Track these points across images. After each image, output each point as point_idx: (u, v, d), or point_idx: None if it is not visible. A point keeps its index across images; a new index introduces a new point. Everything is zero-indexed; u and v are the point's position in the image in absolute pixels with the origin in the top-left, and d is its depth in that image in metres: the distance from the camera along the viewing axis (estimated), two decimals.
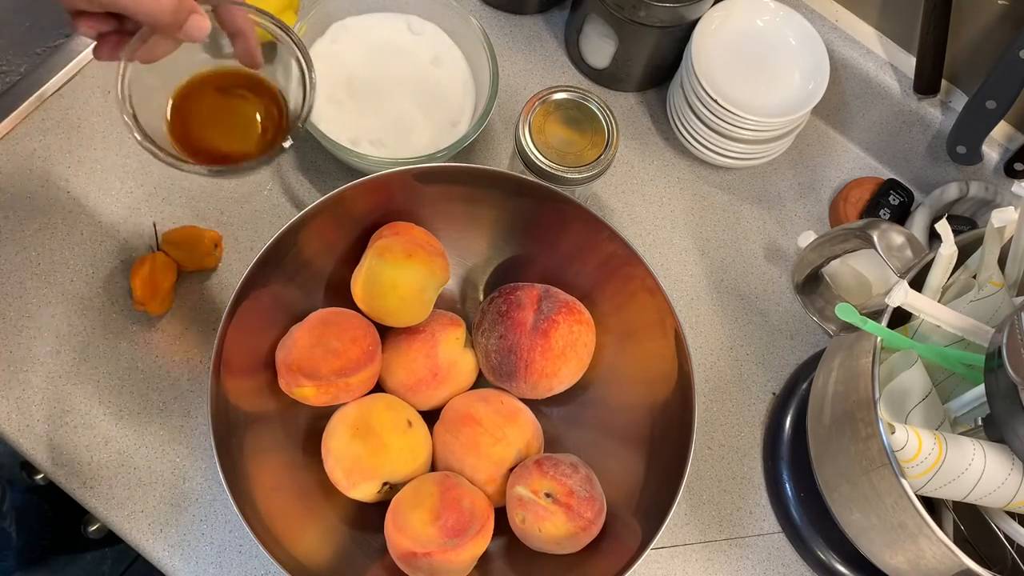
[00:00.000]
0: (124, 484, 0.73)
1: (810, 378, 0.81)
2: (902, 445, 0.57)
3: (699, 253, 0.88)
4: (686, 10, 0.82)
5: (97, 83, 0.84)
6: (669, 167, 0.91)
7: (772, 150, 0.88)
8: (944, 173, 0.91)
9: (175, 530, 0.72)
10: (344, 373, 0.67)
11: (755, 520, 0.80)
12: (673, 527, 0.78)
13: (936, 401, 0.62)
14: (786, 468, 0.80)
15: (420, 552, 0.64)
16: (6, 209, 0.79)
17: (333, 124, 0.80)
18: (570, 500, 0.67)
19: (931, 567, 0.59)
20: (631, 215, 0.88)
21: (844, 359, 0.65)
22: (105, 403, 0.75)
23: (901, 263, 0.66)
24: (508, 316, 0.71)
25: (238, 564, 0.72)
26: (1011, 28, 0.79)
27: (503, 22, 0.92)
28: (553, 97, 0.76)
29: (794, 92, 0.85)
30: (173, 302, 0.78)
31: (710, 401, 0.83)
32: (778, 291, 0.88)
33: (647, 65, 0.89)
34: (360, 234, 0.73)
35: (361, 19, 0.83)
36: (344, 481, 0.68)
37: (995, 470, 0.57)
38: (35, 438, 0.73)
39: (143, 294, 0.75)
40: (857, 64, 0.88)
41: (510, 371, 0.71)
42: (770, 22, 0.87)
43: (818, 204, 0.93)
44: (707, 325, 0.86)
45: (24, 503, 1.26)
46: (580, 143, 0.75)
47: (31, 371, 0.75)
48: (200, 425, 0.75)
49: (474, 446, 0.69)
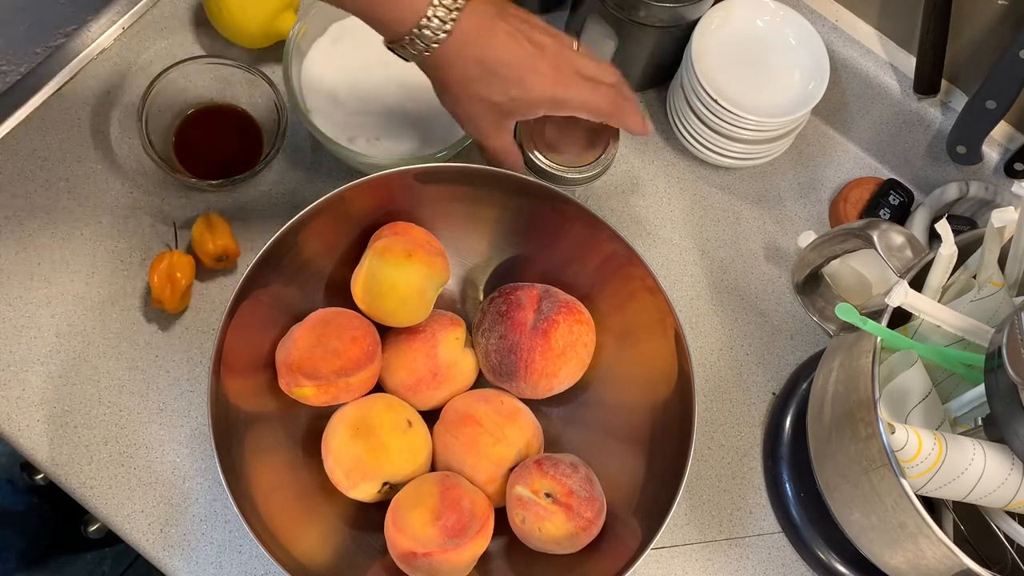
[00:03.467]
0: (124, 484, 0.73)
1: (810, 378, 0.81)
2: (902, 445, 0.57)
3: (699, 253, 0.88)
4: (686, 10, 0.82)
5: (97, 83, 0.84)
6: (669, 167, 0.91)
7: (772, 150, 0.88)
8: (944, 173, 0.91)
9: (175, 530, 0.72)
10: (344, 373, 0.67)
11: (755, 520, 0.80)
12: (673, 527, 0.78)
13: (936, 401, 0.62)
14: (786, 468, 0.80)
15: (420, 552, 0.64)
16: (6, 209, 0.79)
17: (333, 124, 0.80)
18: (570, 500, 0.67)
19: (931, 567, 0.59)
20: (631, 215, 0.88)
21: (844, 359, 0.65)
22: (105, 403, 0.75)
23: (901, 263, 0.66)
24: (508, 316, 0.71)
25: (238, 564, 0.72)
26: (1011, 28, 0.79)
27: None
28: None
29: (794, 92, 0.85)
30: (191, 301, 0.78)
31: (710, 401, 0.83)
32: (778, 291, 0.88)
33: (647, 65, 0.89)
34: (360, 234, 0.73)
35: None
36: (344, 481, 0.68)
37: (995, 470, 0.57)
38: (35, 438, 0.73)
39: (160, 291, 0.75)
40: (857, 64, 0.88)
41: (510, 371, 0.71)
42: (770, 22, 0.87)
43: (818, 204, 0.93)
44: (707, 325, 0.86)
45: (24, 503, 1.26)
46: (580, 143, 0.75)
47: (31, 371, 0.75)
48: (200, 425, 0.75)
49: (474, 446, 0.69)
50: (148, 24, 0.86)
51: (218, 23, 0.83)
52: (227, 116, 0.82)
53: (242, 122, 0.82)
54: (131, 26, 0.86)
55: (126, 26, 0.86)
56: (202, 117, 0.81)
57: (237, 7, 0.81)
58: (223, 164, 0.80)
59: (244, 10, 0.81)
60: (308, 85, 0.81)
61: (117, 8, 0.86)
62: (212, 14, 0.83)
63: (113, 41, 0.85)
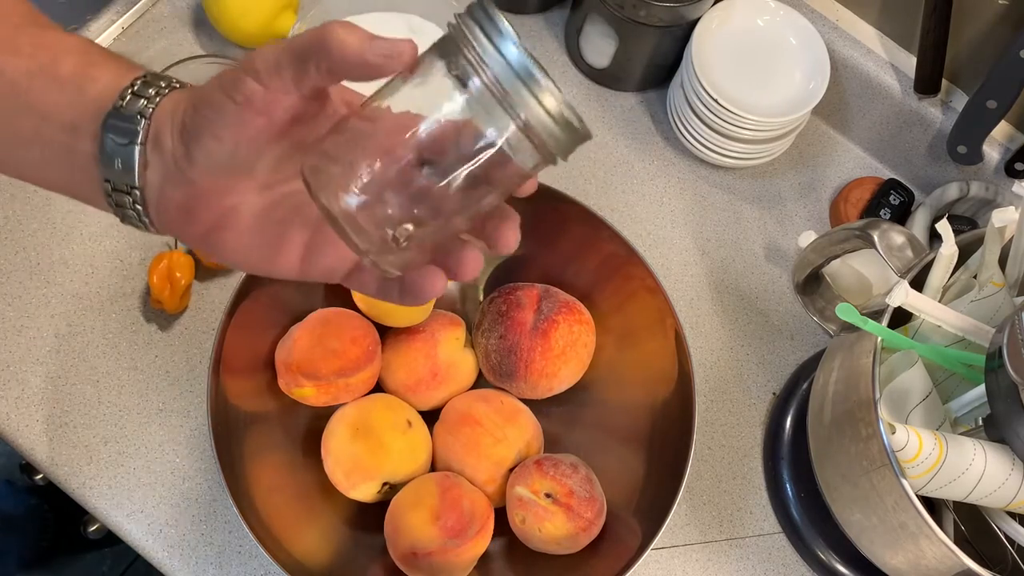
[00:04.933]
0: (124, 484, 0.73)
1: (810, 378, 0.81)
2: (903, 445, 0.57)
3: (699, 253, 0.88)
4: (686, 9, 0.82)
5: None
6: (669, 167, 0.91)
7: (772, 150, 0.88)
8: (945, 173, 0.91)
9: (175, 530, 0.72)
10: (344, 373, 0.67)
11: (755, 520, 0.80)
12: (673, 527, 0.78)
13: (937, 401, 0.62)
14: (786, 468, 0.80)
15: (420, 552, 0.64)
16: (6, 209, 0.79)
17: None
18: (570, 500, 0.66)
19: (932, 567, 0.59)
20: (631, 215, 0.88)
21: (844, 359, 0.64)
22: (105, 403, 0.75)
23: (902, 263, 0.66)
24: (508, 316, 0.71)
25: (238, 564, 0.72)
26: (1011, 28, 0.79)
27: None
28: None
29: (794, 92, 0.85)
30: (190, 301, 0.78)
31: (710, 401, 0.83)
32: (778, 291, 0.88)
33: (647, 65, 0.89)
34: None
35: (361, 18, 0.83)
36: (344, 481, 0.68)
37: (996, 470, 0.57)
38: (34, 438, 0.73)
39: (160, 291, 0.75)
40: (858, 64, 0.88)
41: (510, 371, 0.71)
42: (771, 22, 0.87)
43: (818, 204, 0.92)
44: (707, 325, 0.86)
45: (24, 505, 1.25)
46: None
47: (31, 371, 0.75)
48: (200, 425, 0.75)
49: (474, 446, 0.69)
50: (148, 24, 0.86)
51: (218, 23, 0.83)
52: None
53: None
54: (131, 25, 0.86)
55: (126, 25, 0.86)
56: None
57: (237, 7, 0.81)
58: None
59: (244, 10, 0.81)
60: None
61: (117, 8, 0.86)
62: (212, 14, 0.83)
63: (113, 41, 0.85)
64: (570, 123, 0.38)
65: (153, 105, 0.43)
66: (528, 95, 0.38)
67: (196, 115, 0.42)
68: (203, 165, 0.42)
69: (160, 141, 0.43)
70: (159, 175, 0.44)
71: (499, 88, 0.38)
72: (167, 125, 0.43)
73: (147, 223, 0.45)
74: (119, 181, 0.44)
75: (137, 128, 0.43)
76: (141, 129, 0.43)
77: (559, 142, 0.39)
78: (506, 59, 0.38)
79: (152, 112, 0.43)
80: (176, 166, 0.43)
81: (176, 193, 0.44)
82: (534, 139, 0.38)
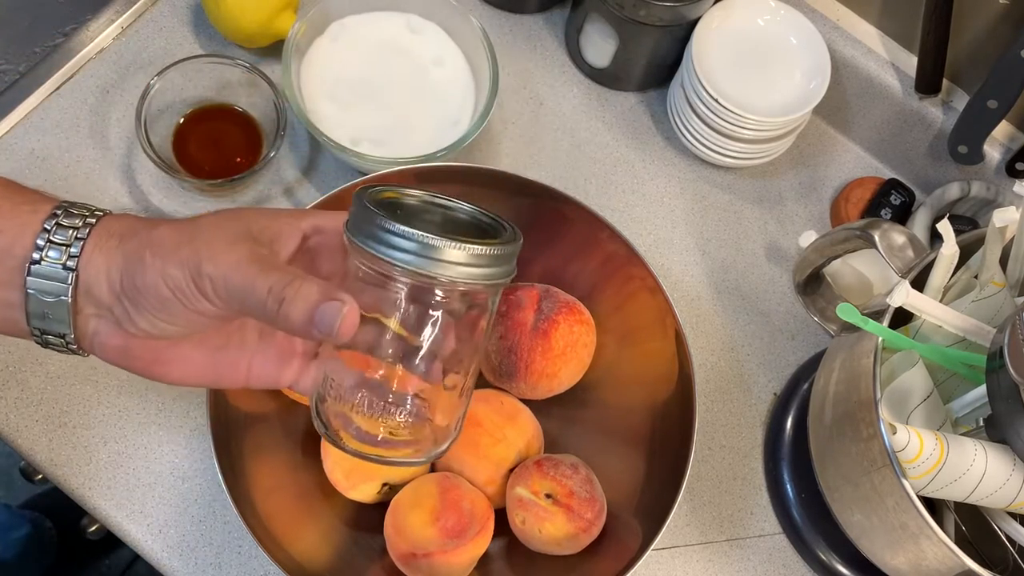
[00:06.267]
0: (124, 484, 0.73)
1: (811, 379, 0.81)
2: (903, 446, 0.57)
3: (700, 253, 0.88)
4: (687, 9, 0.82)
5: (96, 82, 0.84)
6: (670, 167, 0.91)
7: (773, 150, 0.88)
8: (945, 173, 0.90)
9: (174, 530, 0.72)
10: None
11: (756, 521, 0.80)
12: (674, 528, 0.78)
13: (937, 402, 0.62)
14: (787, 469, 0.80)
15: (420, 553, 0.64)
16: None
17: (332, 123, 0.80)
18: (570, 501, 0.66)
19: (932, 568, 0.59)
20: (631, 215, 0.88)
21: (845, 359, 0.64)
22: (104, 403, 0.75)
23: (902, 263, 0.66)
24: (508, 316, 0.71)
25: (237, 564, 0.72)
26: (1012, 28, 0.78)
27: (503, 21, 0.92)
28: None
29: (795, 91, 0.85)
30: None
31: (711, 401, 0.83)
32: (779, 291, 0.88)
33: (648, 64, 0.89)
34: None
35: (360, 18, 0.83)
36: (344, 482, 0.68)
37: (997, 471, 0.57)
38: (34, 438, 0.73)
39: None
40: (858, 63, 0.88)
41: (510, 371, 0.71)
42: (771, 21, 0.87)
43: (819, 204, 0.92)
44: (708, 325, 0.86)
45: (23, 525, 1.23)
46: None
47: (30, 371, 0.75)
48: (199, 425, 0.75)
49: (474, 447, 0.69)
50: (147, 23, 0.86)
51: (217, 23, 0.83)
52: (226, 116, 0.82)
53: (241, 122, 0.82)
54: (130, 25, 0.86)
55: (125, 25, 0.86)
56: (201, 117, 0.81)
57: (236, 7, 0.80)
58: (222, 164, 0.80)
59: (243, 10, 0.81)
60: (307, 85, 0.81)
61: (116, 7, 0.86)
62: (211, 14, 0.83)
63: (112, 40, 0.85)
64: (487, 254, 0.42)
65: (76, 253, 0.42)
66: (439, 262, 0.41)
67: (139, 296, 0.42)
68: (147, 331, 0.44)
69: (92, 294, 0.43)
70: (94, 324, 0.44)
71: (413, 275, 0.42)
72: (101, 281, 0.43)
73: (81, 355, 0.47)
74: (50, 330, 0.45)
75: (65, 284, 0.42)
76: (69, 285, 0.42)
77: (489, 274, 0.43)
78: (404, 250, 0.41)
79: (78, 262, 0.42)
80: (116, 321, 0.44)
81: (115, 339, 0.44)
82: (469, 287, 0.43)
